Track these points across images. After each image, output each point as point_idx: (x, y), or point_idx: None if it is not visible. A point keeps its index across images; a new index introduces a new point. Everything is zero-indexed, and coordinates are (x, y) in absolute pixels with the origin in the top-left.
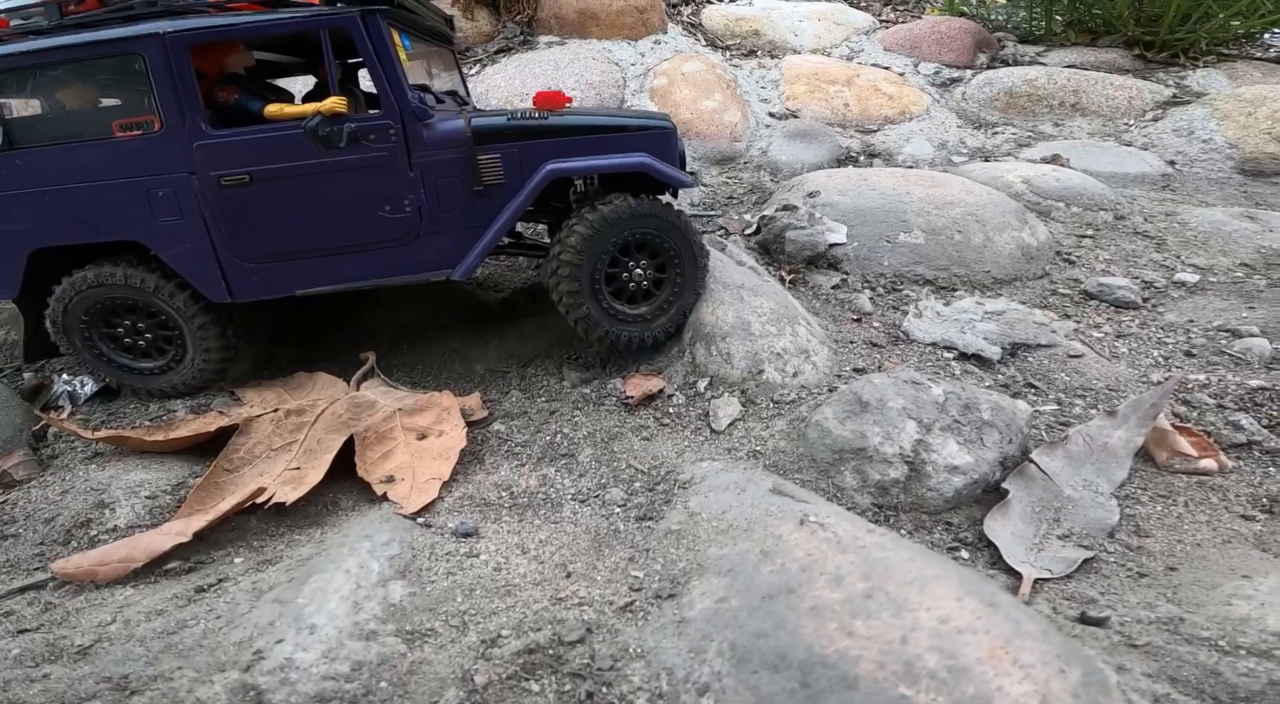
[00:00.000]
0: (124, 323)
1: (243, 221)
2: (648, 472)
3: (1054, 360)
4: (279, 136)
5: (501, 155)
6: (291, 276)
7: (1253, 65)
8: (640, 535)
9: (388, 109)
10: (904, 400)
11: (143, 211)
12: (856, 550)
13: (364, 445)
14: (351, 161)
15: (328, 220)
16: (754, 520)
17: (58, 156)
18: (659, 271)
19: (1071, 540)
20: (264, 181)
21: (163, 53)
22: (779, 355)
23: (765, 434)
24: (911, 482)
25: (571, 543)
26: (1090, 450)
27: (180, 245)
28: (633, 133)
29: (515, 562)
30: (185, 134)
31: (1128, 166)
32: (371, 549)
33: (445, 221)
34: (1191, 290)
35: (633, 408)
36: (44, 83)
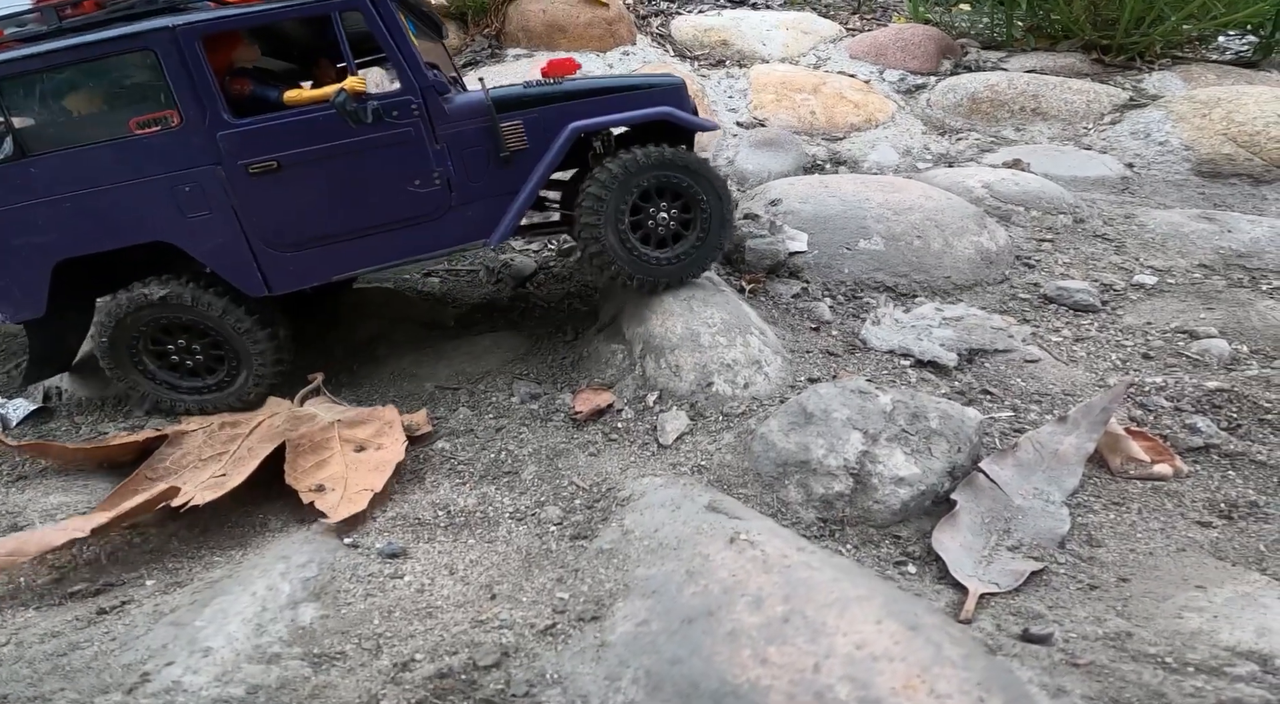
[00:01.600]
0: (176, 342)
1: (274, 209)
2: (589, 489)
3: (1011, 366)
4: (304, 119)
5: (524, 121)
6: (327, 262)
7: (1207, 67)
8: (572, 555)
9: (406, 84)
10: (849, 410)
11: (170, 210)
12: (781, 570)
13: (296, 453)
14: (378, 139)
15: (359, 200)
16: (684, 539)
17: (75, 161)
18: (684, 213)
19: (1021, 551)
20: (293, 166)
21: (175, 46)
22: (729, 366)
23: (712, 448)
24: (857, 494)
25: (502, 563)
26: (1041, 458)
27: (212, 240)
28: (645, 91)
29: (441, 583)
30: (207, 125)
31: (1087, 170)
32: (285, 571)
33: (474, 192)
34: (1150, 292)
35: (581, 423)
36: (52, 87)
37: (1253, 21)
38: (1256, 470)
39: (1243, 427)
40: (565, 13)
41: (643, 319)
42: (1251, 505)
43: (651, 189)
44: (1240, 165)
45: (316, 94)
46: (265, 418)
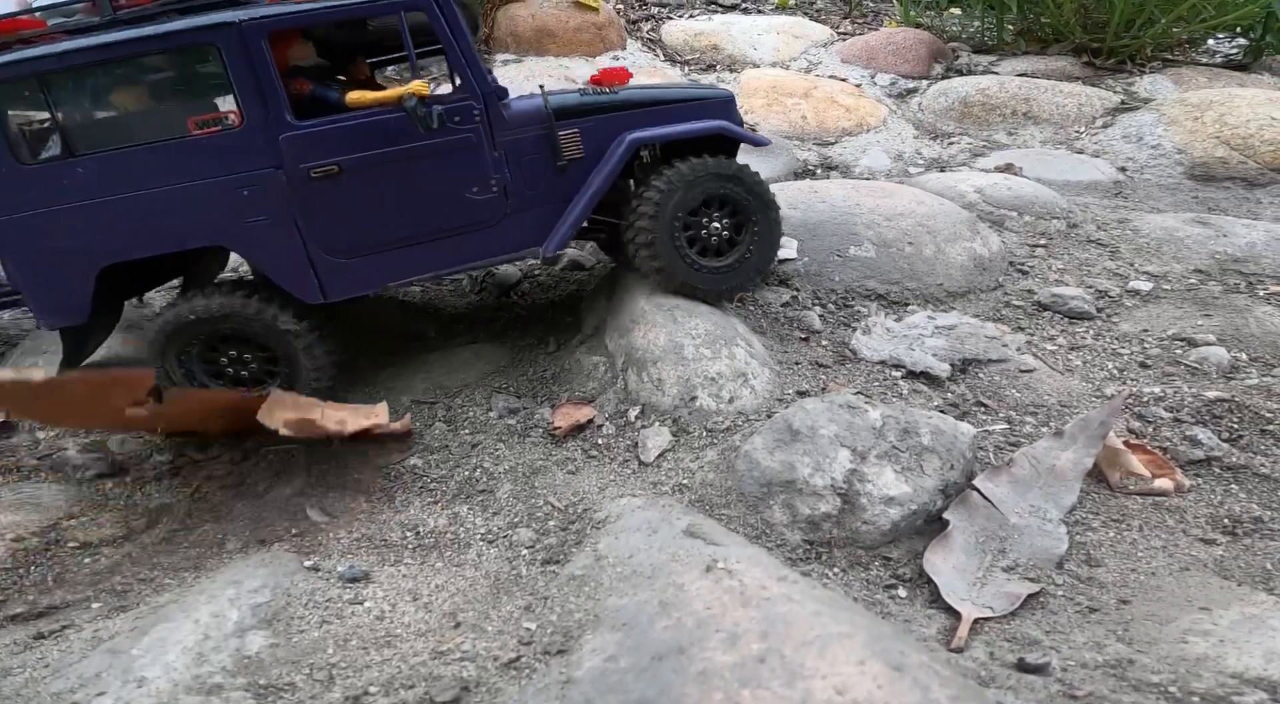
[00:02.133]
0: (229, 353)
1: (334, 215)
2: (564, 509)
3: (1005, 376)
4: (366, 123)
5: (580, 130)
6: (382, 269)
7: (1198, 70)
8: (543, 581)
9: (469, 89)
10: (837, 427)
11: (227, 213)
12: (760, 603)
13: (277, 403)
14: (439, 145)
15: (418, 207)
16: (659, 566)
17: (126, 161)
18: (734, 226)
19: (1017, 573)
20: (353, 171)
21: (240, 43)
22: (713, 380)
23: (694, 466)
24: (845, 515)
25: (469, 589)
26: (1037, 474)
27: (269, 246)
28: (696, 103)
29: (403, 609)
30: (269, 127)
31: (1080, 174)
32: (235, 596)
33: (529, 200)
34: (1145, 299)
35: (560, 440)
36: (104, 83)
37: (1242, 24)
38: (1260, 484)
39: (1244, 438)
40: (554, 18)
41: (625, 330)
42: (1256, 521)
43: (705, 200)
44: (1234, 168)
45: (379, 96)
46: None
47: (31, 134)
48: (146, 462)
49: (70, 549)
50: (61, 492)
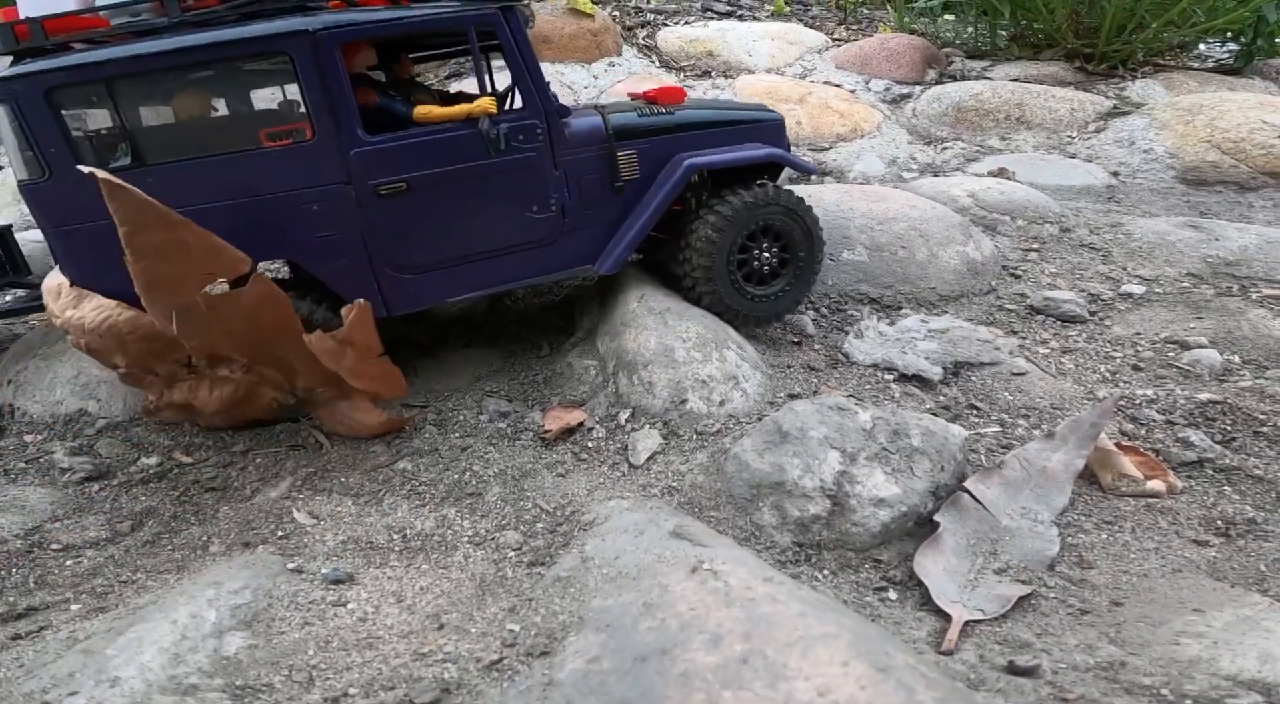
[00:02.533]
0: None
1: (400, 231)
2: (553, 512)
3: (997, 379)
4: (434, 140)
5: (637, 151)
6: (443, 285)
7: (1189, 75)
8: (528, 583)
9: (532, 108)
10: (827, 429)
11: (298, 227)
12: (744, 604)
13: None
14: (503, 163)
15: (480, 224)
16: (645, 567)
17: (198, 172)
18: (783, 253)
19: (1008, 575)
20: (421, 188)
21: (313, 52)
22: (704, 383)
23: (684, 468)
24: (834, 517)
25: (454, 591)
26: (1028, 476)
27: (337, 261)
28: (748, 126)
29: (386, 611)
30: (340, 141)
31: (1073, 179)
32: (215, 597)
33: (584, 219)
34: (1138, 302)
35: (550, 443)
36: (174, 88)
37: (1233, 28)
38: (1254, 485)
39: (1238, 440)
40: (550, 24)
41: (616, 334)
42: (1250, 522)
43: (758, 229)
44: (1225, 172)
45: (447, 112)
46: None
47: (99, 142)
48: (133, 465)
49: (53, 551)
50: (47, 494)
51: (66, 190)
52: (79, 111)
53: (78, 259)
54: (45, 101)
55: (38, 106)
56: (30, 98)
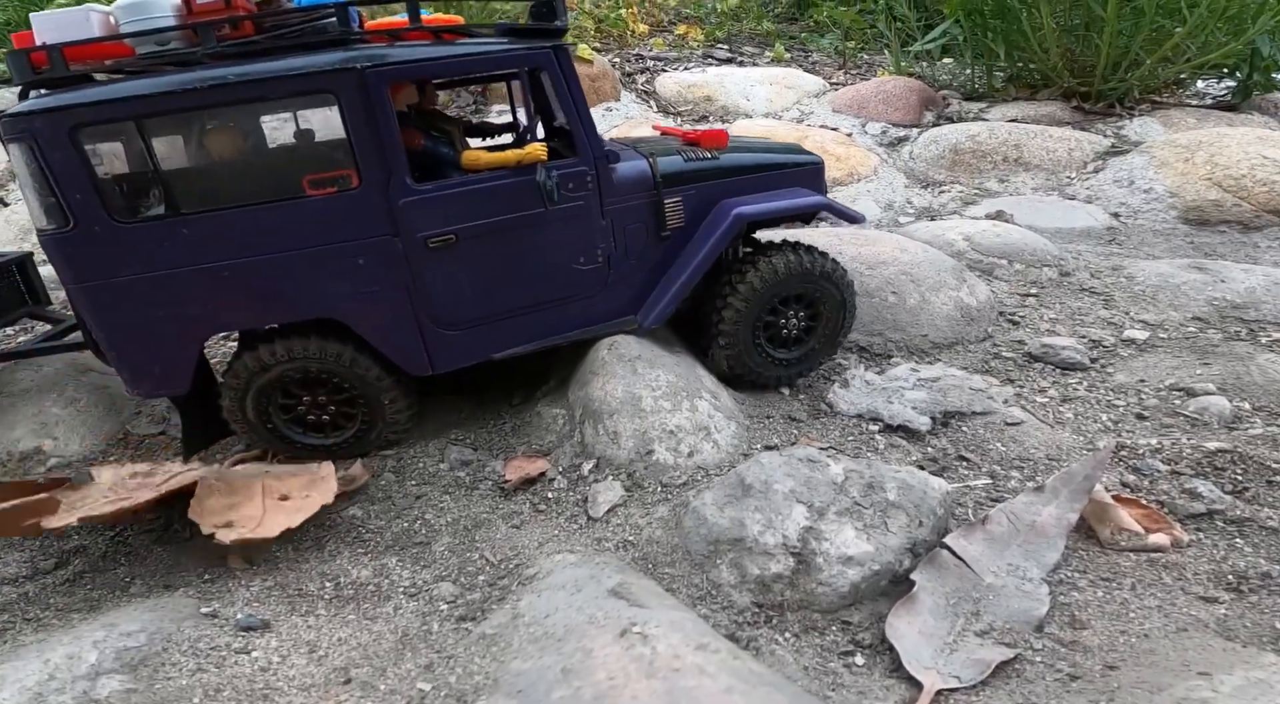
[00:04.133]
0: (306, 397)
1: (447, 285)
2: (498, 564)
3: (990, 429)
4: (483, 189)
5: (682, 197)
6: (487, 340)
7: (1186, 112)
8: (453, 639)
9: (583, 153)
10: (794, 482)
11: (342, 283)
12: (667, 675)
13: (209, 491)
14: (552, 213)
15: (527, 277)
16: (573, 628)
17: (236, 223)
18: (811, 319)
19: (991, 637)
20: (469, 240)
21: (361, 90)
22: (672, 433)
23: (643, 522)
24: (799, 576)
25: (372, 643)
26: (1016, 531)
27: (381, 318)
28: (791, 170)
29: (294, 662)
30: (388, 190)
31: (1072, 221)
32: (102, 638)
33: (628, 269)
34: (1142, 348)
35: (510, 493)
36: (211, 128)
37: (1227, 63)
38: (1267, 537)
39: (1249, 489)
40: None
41: (584, 382)
42: (1264, 577)
43: (791, 296)
44: (1228, 211)
45: (496, 159)
46: (184, 470)
47: (130, 187)
48: None
49: None
50: None
51: (93, 241)
52: (105, 152)
53: (107, 319)
54: (69, 140)
55: (61, 146)
56: (52, 136)
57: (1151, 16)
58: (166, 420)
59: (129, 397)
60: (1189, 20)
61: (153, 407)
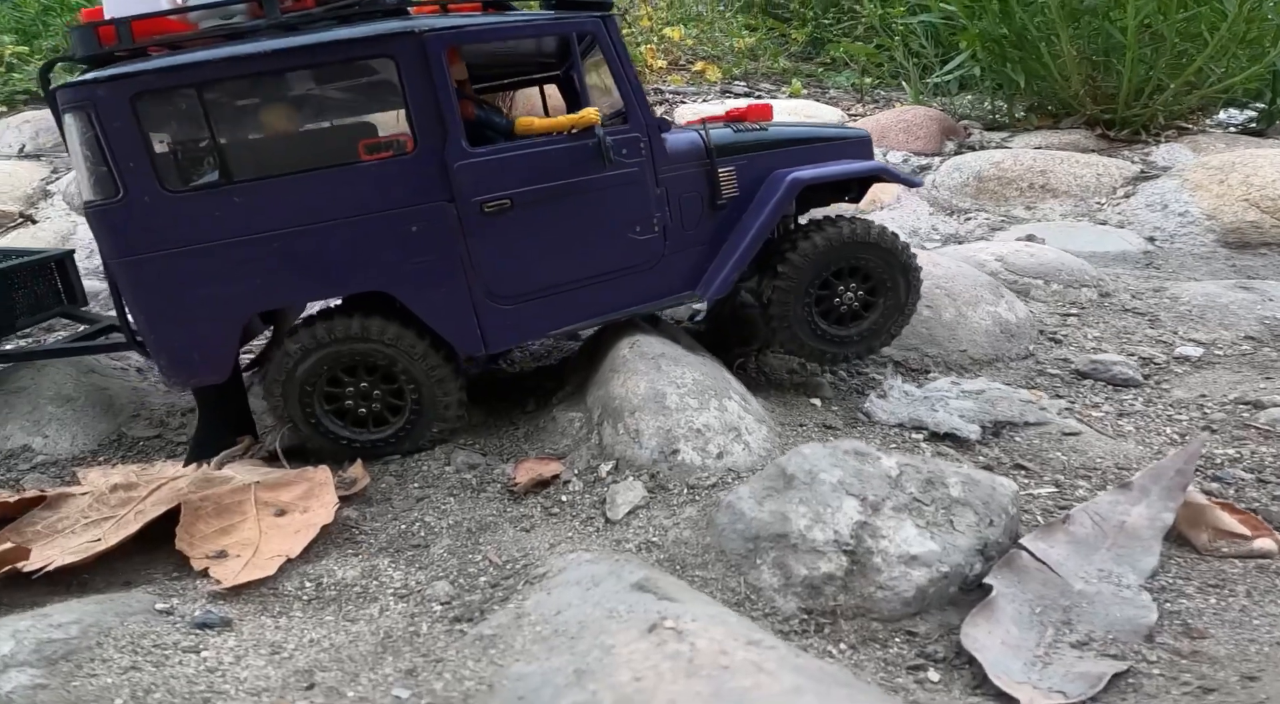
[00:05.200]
0: (353, 385)
1: (501, 254)
2: (502, 565)
3: (1046, 439)
4: (538, 153)
5: (735, 167)
6: (544, 316)
7: (1214, 137)
8: (444, 641)
9: (634, 120)
10: (842, 473)
11: (394, 253)
12: (712, 674)
13: (195, 516)
14: (607, 179)
15: (583, 246)
16: (589, 624)
17: (289, 190)
18: (870, 295)
19: (1092, 648)
20: (524, 206)
21: (420, 56)
22: (699, 432)
23: (668, 523)
24: (853, 578)
25: (348, 645)
26: (1102, 533)
27: (433, 291)
28: (838, 142)
29: (249, 663)
30: (444, 154)
31: (1106, 245)
32: (25, 629)
33: (684, 240)
34: (1197, 365)
35: (519, 496)
36: (267, 96)
37: (1251, 86)
38: None
39: None
40: None
41: (603, 381)
42: None
43: (841, 271)
44: (1268, 233)
45: (549, 123)
46: (168, 480)
47: (184, 156)
48: None
49: None
50: None
51: (142, 211)
52: (161, 121)
53: (147, 295)
54: (130, 108)
55: (120, 114)
56: (112, 104)
57: (1172, 42)
58: (164, 425)
59: (129, 400)
60: (1210, 44)
61: (151, 410)
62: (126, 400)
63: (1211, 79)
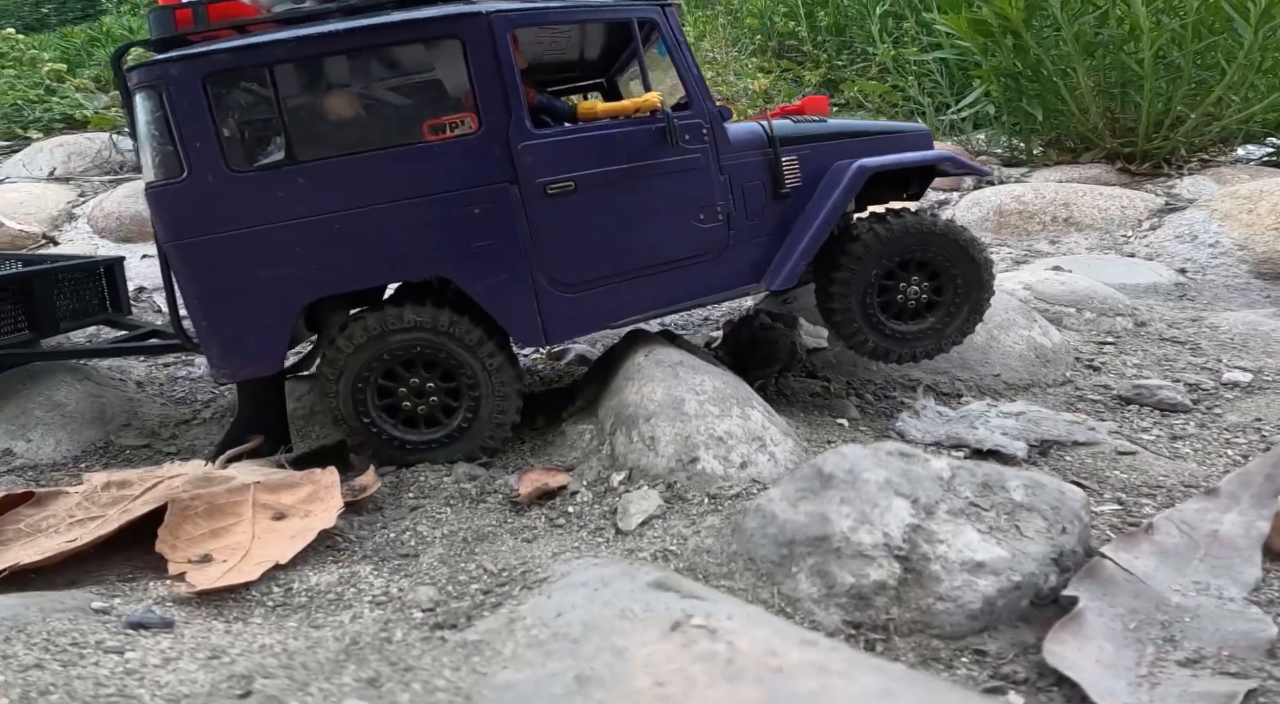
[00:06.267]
0: (408, 382)
1: (563, 239)
2: (498, 573)
3: (1100, 458)
4: (601, 136)
5: (797, 157)
6: (606, 307)
7: (1238, 169)
8: (420, 649)
9: (697, 107)
10: (888, 472)
11: (455, 235)
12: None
13: (182, 516)
14: (671, 164)
15: (646, 233)
16: (596, 625)
17: (352, 171)
18: (936, 290)
19: (1206, 666)
20: (587, 190)
21: (487, 36)
22: (720, 440)
23: (688, 532)
24: (908, 587)
25: (305, 651)
26: (1193, 542)
27: (493, 276)
28: (898, 135)
29: (179, 667)
30: (509, 134)
31: (1136, 277)
32: None
33: (748, 230)
34: (1248, 390)
35: (522, 507)
36: (334, 77)
37: (1271, 116)
38: None
39: None
40: None
41: (617, 390)
42: None
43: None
44: None
45: (613, 107)
46: (165, 478)
47: (250, 136)
48: None
49: None
50: None
51: (204, 191)
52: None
53: (204, 278)
54: (201, 88)
55: (190, 93)
56: (184, 83)
57: (1189, 72)
58: (155, 435)
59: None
60: (1228, 73)
61: (143, 420)
62: (119, 409)
63: (1231, 109)
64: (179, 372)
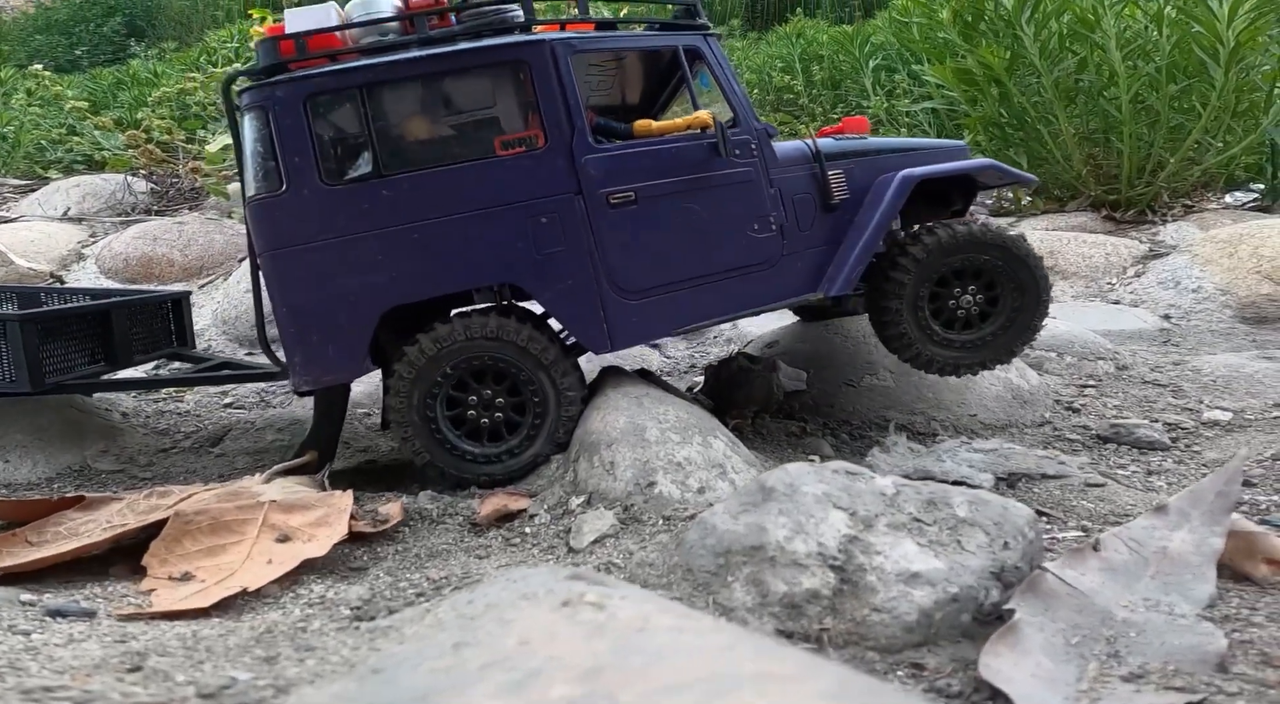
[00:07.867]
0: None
1: (627, 247)
2: (438, 580)
3: (1068, 490)
4: (658, 150)
5: (843, 170)
6: (667, 313)
7: (1221, 214)
8: (333, 637)
9: (744, 125)
10: (828, 487)
11: (525, 244)
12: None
13: (183, 532)
14: (725, 176)
15: (705, 241)
16: (499, 605)
17: (431, 183)
18: (991, 302)
19: (1151, 681)
20: (648, 201)
21: (550, 60)
22: (679, 465)
23: (635, 547)
24: (843, 598)
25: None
26: (1142, 559)
27: (561, 283)
28: (937, 150)
29: (81, 648)
30: (573, 148)
31: (1120, 323)
32: None
33: (801, 240)
34: (1227, 428)
35: (481, 528)
36: (416, 98)
37: (1250, 160)
38: None
39: None
40: None
41: (583, 419)
42: None
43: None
44: None
45: (666, 125)
46: (200, 491)
47: (341, 152)
48: None
49: None
50: None
51: (300, 204)
52: (326, 121)
53: (294, 286)
54: (303, 108)
55: (293, 113)
56: (288, 104)
57: (1166, 116)
58: (132, 461)
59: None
60: (1204, 116)
61: (121, 447)
62: (99, 435)
63: (1211, 153)
64: (167, 406)
